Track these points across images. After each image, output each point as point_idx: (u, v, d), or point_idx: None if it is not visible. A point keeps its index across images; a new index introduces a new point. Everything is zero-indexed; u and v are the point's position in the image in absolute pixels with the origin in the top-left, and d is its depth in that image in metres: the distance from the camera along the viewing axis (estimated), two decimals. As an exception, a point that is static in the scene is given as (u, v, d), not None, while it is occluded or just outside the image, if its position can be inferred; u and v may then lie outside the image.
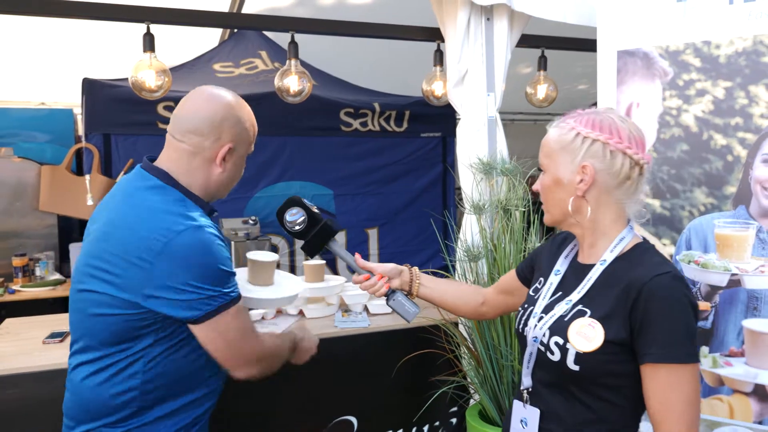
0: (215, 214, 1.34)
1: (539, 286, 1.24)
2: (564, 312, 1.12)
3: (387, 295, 1.44)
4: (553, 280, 1.20)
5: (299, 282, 1.99)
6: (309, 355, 1.58)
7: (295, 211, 1.41)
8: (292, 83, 2.61)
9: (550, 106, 3.14)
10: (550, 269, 1.24)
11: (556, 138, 1.14)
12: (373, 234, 4.56)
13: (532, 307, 1.20)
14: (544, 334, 1.13)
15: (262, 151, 4.18)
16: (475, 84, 2.19)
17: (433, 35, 2.47)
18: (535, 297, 1.23)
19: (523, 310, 1.23)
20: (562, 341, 1.09)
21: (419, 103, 4.22)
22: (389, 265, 1.44)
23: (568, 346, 1.08)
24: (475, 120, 2.19)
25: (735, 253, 1.82)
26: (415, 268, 1.47)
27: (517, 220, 1.93)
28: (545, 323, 1.14)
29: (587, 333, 1.07)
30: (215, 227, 1.26)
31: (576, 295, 1.13)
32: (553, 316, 1.14)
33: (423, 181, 4.64)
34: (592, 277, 1.13)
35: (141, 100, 2.86)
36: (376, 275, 1.42)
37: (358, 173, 4.45)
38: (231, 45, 4.48)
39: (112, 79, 3.77)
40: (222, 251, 1.23)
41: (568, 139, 1.12)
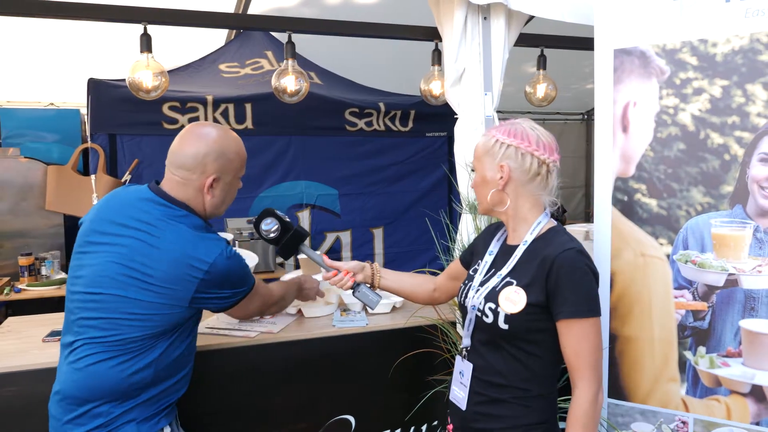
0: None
1: (477, 267, 1.50)
2: (496, 284, 1.39)
3: (353, 288, 1.68)
4: (488, 260, 1.47)
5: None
6: (314, 293, 2.06)
7: (269, 221, 1.65)
8: (290, 83, 2.62)
9: (549, 104, 3.13)
10: (484, 251, 1.50)
11: (482, 144, 1.42)
12: (378, 233, 4.57)
13: (471, 282, 1.47)
14: (480, 302, 1.38)
15: (267, 150, 4.20)
16: (472, 83, 2.18)
17: (432, 35, 2.47)
18: (474, 275, 1.49)
19: (464, 286, 1.50)
20: (494, 306, 1.35)
21: (424, 102, 4.20)
22: (353, 263, 1.70)
23: (499, 309, 1.34)
24: (473, 119, 2.19)
25: (732, 252, 1.81)
26: (376, 263, 1.74)
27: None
28: (481, 294, 1.40)
29: (513, 298, 1.33)
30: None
31: (505, 270, 1.40)
32: (487, 287, 1.40)
33: (428, 181, 4.64)
34: (517, 254, 1.39)
35: (146, 100, 2.88)
36: (343, 271, 1.67)
37: (363, 173, 4.46)
38: (237, 45, 4.51)
39: (117, 80, 3.81)
40: (242, 258, 1.55)
41: (489, 144, 1.40)
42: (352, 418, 2.23)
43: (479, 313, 1.38)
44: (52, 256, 3.93)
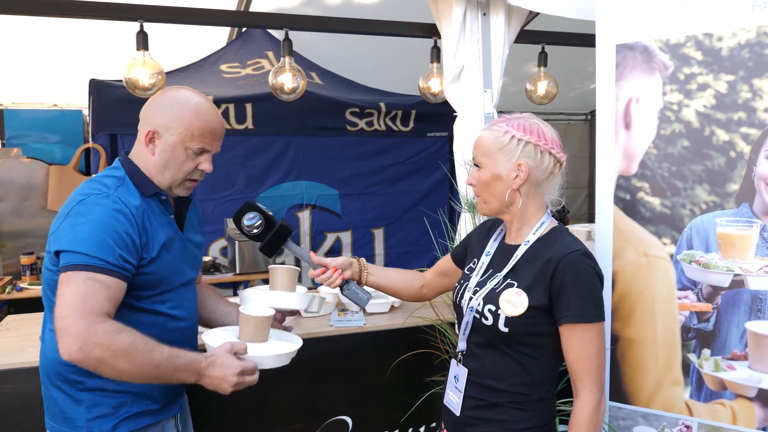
0: (163, 198, 1.43)
1: (473, 266, 1.44)
2: (495, 285, 1.33)
3: (341, 286, 1.58)
4: (485, 260, 1.40)
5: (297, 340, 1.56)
6: (226, 384, 1.30)
7: (252, 215, 1.50)
8: (287, 80, 2.59)
9: (550, 103, 3.08)
10: (481, 251, 1.44)
11: (492, 139, 1.32)
12: (378, 234, 4.53)
13: (467, 282, 1.40)
14: (479, 304, 1.32)
15: (268, 151, 4.19)
16: (471, 80, 2.15)
17: (431, 31, 2.44)
18: (470, 274, 1.42)
19: (459, 285, 1.43)
20: (494, 308, 1.30)
21: (425, 102, 4.17)
22: (340, 259, 1.61)
23: (500, 312, 1.28)
24: (472, 117, 2.16)
25: (738, 252, 1.76)
26: (363, 259, 1.64)
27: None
28: (479, 295, 1.33)
29: (515, 300, 1.28)
30: (127, 203, 1.32)
31: (505, 270, 1.34)
32: (486, 288, 1.34)
33: (429, 181, 4.60)
34: (518, 255, 1.34)
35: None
36: (331, 268, 1.58)
37: (363, 173, 4.43)
38: (238, 45, 4.49)
39: (118, 80, 3.80)
40: (112, 221, 1.28)
41: (504, 140, 1.30)
42: (349, 419, 2.20)
43: (477, 315, 1.32)
44: (52, 255, 3.92)
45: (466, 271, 1.46)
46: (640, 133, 1.90)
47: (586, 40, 2.29)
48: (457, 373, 1.40)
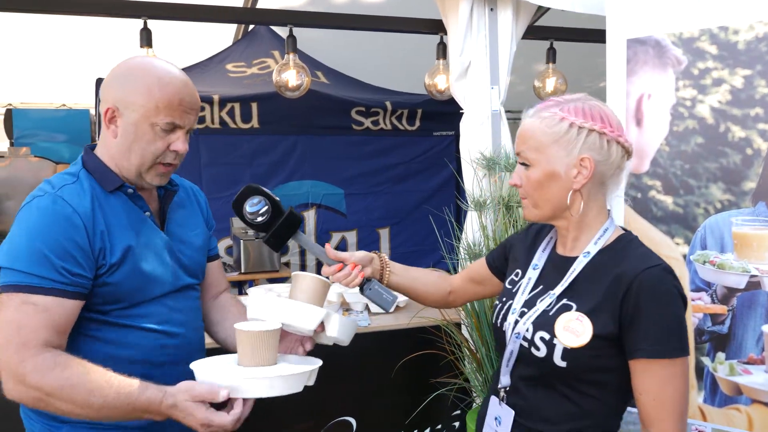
0: (130, 191, 1.20)
1: (516, 279, 1.20)
2: (548, 306, 1.08)
3: (361, 285, 1.31)
4: (532, 275, 1.16)
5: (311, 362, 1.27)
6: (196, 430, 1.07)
7: (256, 200, 1.23)
8: (291, 77, 2.57)
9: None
10: (527, 262, 1.19)
11: (544, 129, 1.06)
12: (384, 234, 4.50)
13: (511, 301, 1.16)
14: (527, 329, 1.08)
15: (273, 150, 4.17)
16: (478, 77, 2.11)
17: (437, 27, 2.40)
18: (513, 290, 1.18)
19: (501, 304, 1.18)
20: (548, 336, 1.05)
21: (432, 101, 4.15)
22: (360, 253, 1.34)
23: (555, 341, 1.04)
24: (479, 114, 2.12)
25: (754, 253, 1.71)
26: (384, 255, 1.38)
27: (520, 217, 1.85)
28: (528, 318, 1.09)
29: (575, 328, 1.03)
30: (72, 203, 1.11)
31: (559, 288, 1.09)
32: (536, 311, 1.09)
33: (436, 180, 4.56)
34: (575, 269, 1.09)
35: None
36: (349, 265, 1.30)
37: (369, 172, 4.41)
38: (244, 45, 4.49)
39: (124, 79, 3.80)
40: (51, 227, 1.08)
41: (560, 130, 1.05)
42: (353, 420, 2.17)
43: (525, 343, 1.08)
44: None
45: (507, 284, 1.21)
46: (652, 129, 1.86)
47: (595, 36, 2.25)
48: (499, 415, 1.14)
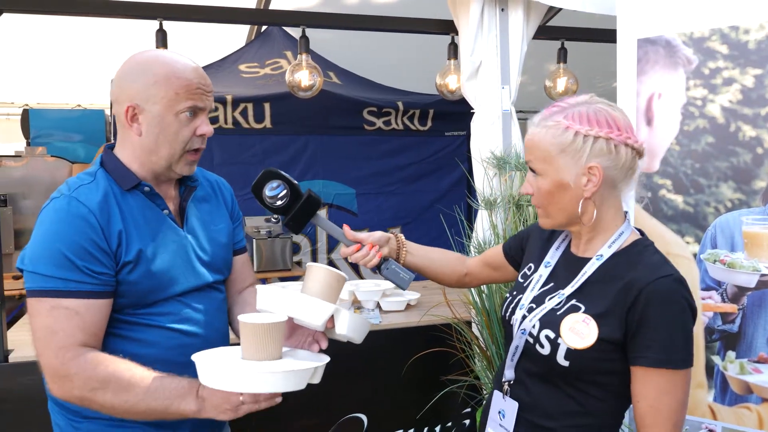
0: (146, 189, 1.20)
1: (528, 273, 1.20)
2: (556, 305, 1.09)
3: (379, 265, 1.34)
4: (543, 272, 1.16)
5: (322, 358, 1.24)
6: (225, 411, 1.06)
7: (275, 184, 1.25)
8: (304, 77, 2.60)
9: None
10: (540, 257, 1.19)
11: (550, 140, 1.05)
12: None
13: (521, 295, 1.16)
14: (534, 326, 1.09)
15: (285, 149, 4.20)
16: (489, 77, 2.12)
17: (448, 28, 2.42)
18: (525, 285, 1.18)
19: (511, 297, 1.19)
20: (553, 335, 1.06)
21: (443, 101, 4.16)
22: (377, 234, 1.36)
23: (560, 341, 1.04)
24: (489, 114, 2.13)
25: (765, 252, 1.71)
26: (401, 235, 1.40)
27: (530, 216, 1.86)
28: (535, 315, 1.10)
29: (581, 330, 1.03)
30: (87, 202, 1.11)
31: (569, 289, 1.09)
32: (544, 308, 1.10)
33: (447, 180, 4.57)
34: (587, 271, 1.08)
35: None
36: (367, 245, 1.31)
37: (381, 172, 4.43)
38: (257, 46, 4.52)
39: (139, 80, 3.85)
40: (68, 228, 1.08)
41: (566, 140, 1.04)
42: (364, 417, 2.19)
43: (531, 339, 1.09)
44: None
45: (519, 278, 1.22)
46: (663, 129, 1.86)
47: (606, 36, 2.25)
48: (503, 408, 1.14)
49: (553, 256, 1.17)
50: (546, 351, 1.06)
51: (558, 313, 1.07)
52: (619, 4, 1.93)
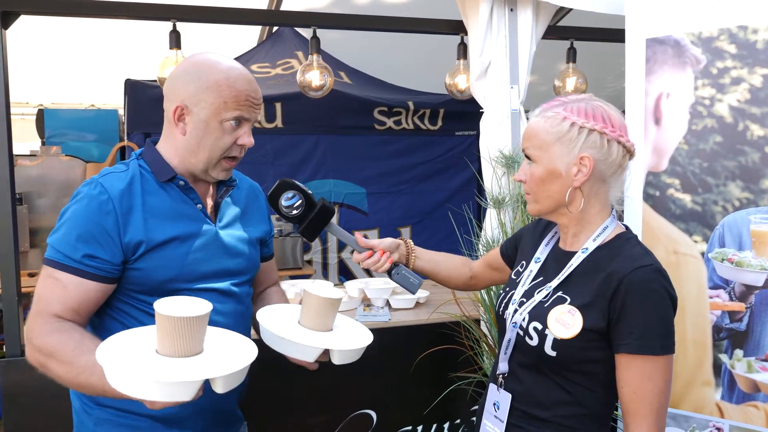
0: (181, 183, 1.24)
1: (521, 270, 1.25)
2: (544, 298, 1.14)
3: (389, 270, 1.41)
4: (533, 267, 1.21)
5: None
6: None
7: (290, 194, 1.33)
8: (314, 77, 2.63)
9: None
10: (531, 255, 1.25)
11: (547, 128, 1.11)
12: (405, 233, 4.54)
13: (513, 291, 1.21)
14: (524, 319, 1.14)
15: (296, 149, 4.24)
16: (498, 77, 2.14)
17: (457, 28, 2.43)
18: (517, 281, 1.24)
19: (504, 293, 1.24)
20: (540, 327, 1.10)
21: (454, 101, 4.17)
22: (387, 240, 1.43)
23: (547, 332, 1.09)
24: (498, 113, 2.15)
25: (773, 251, 1.71)
26: (410, 241, 1.47)
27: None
28: (525, 309, 1.15)
29: (566, 320, 1.08)
30: (109, 188, 1.15)
31: (556, 281, 1.14)
32: (533, 301, 1.15)
33: (457, 180, 4.58)
34: (573, 264, 1.13)
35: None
36: (378, 251, 1.39)
37: (391, 171, 4.45)
38: (269, 46, 4.56)
39: (153, 80, 3.90)
40: (86, 212, 1.13)
41: (562, 129, 1.10)
42: (373, 413, 2.21)
43: (521, 332, 1.13)
44: (89, 250, 4.04)
45: (513, 275, 1.28)
46: (671, 128, 1.87)
47: (615, 36, 2.26)
48: (498, 400, 1.18)
49: (542, 252, 1.22)
50: (534, 342, 1.11)
51: (545, 305, 1.12)
52: (627, 4, 1.94)
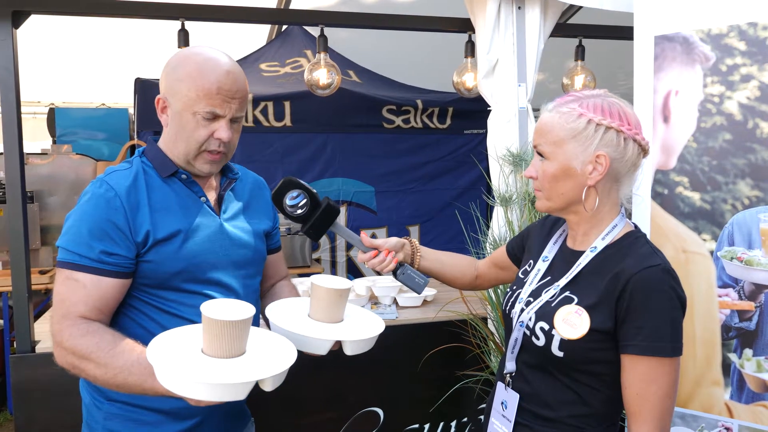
0: (183, 177, 1.25)
1: (528, 269, 1.24)
2: (551, 297, 1.12)
3: (395, 270, 1.39)
4: (541, 267, 1.20)
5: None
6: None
7: (295, 193, 1.30)
8: (322, 76, 2.64)
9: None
10: (539, 253, 1.23)
11: (562, 124, 1.08)
12: (414, 231, 4.54)
13: (520, 290, 1.20)
14: (530, 318, 1.12)
15: (305, 147, 4.25)
16: (505, 74, 2.13)
17: (465, 26, 2.43)
18: (524, 280, 1.22)
19: (511, 292, 1.23)
20: (547, 327, 1.09)
21: (463, 99, 4.16)
22: (392, 240, 1.41)
23: (554, 332, 1.07)
24: (506, 111, 2.14)
25: (783, 249, 1.69)
26: (415, 240, 1.45)
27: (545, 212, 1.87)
28: (532, 308, 1.13)
29: (573, 320, 1.06)
30: (116, 185, 1.16)
31: (564, 281, 1.12)
32: (540, 301, 1.13)
33: (466, 179, 4.58)
34: (581, 263, 1.12)
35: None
36: (383, 251, 1.37)
37: (400, 170, 4.45)
38: (277, 45, 4.57)
39: (162, 79, 3.93)
40: (94, 209, 1.14)
41: (578, 126, 1.06)
42: (380, 411, 2.22)
43: (528, 332, 1.12)
44: (99, 248, 4.08)
45: (520, 274, 1.26)
46: (680, 126, 1.86)
47: (624, 33, 2.24)
48: (505, 399, 1.17)
49: (550, 251, 1.21)
50: (541, 342, 1.09)
51: (552, 305, 1.10)
52: (636, 0, 1.93)
